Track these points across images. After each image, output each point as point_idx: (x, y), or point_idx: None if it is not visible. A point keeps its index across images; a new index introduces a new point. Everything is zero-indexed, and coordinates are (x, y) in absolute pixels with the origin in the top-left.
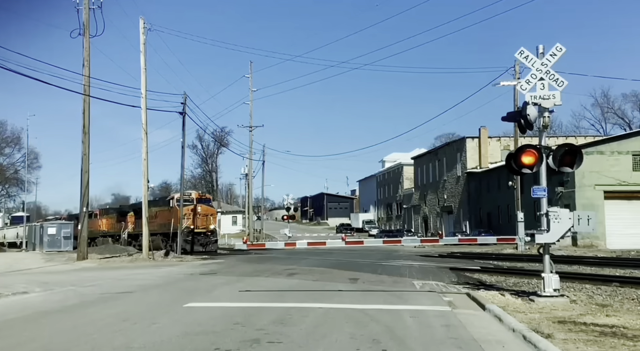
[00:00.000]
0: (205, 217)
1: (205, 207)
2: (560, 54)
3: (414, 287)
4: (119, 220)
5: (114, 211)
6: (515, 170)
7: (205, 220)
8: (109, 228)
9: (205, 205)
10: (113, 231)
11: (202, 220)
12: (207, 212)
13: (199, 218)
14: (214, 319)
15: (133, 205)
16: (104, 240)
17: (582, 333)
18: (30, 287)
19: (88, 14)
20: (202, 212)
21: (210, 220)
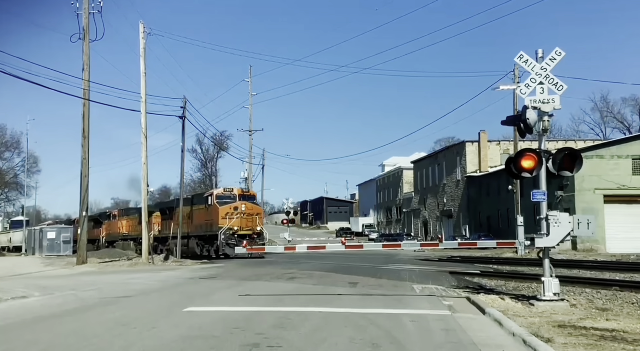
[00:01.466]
0: (250, 216)
1: (250, 204)
2: (560, 58)
3: (413, 291)
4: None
5: (135, 211)
6: (514, 174)
7: (250, 220)
8: (130, 231)
9: (250, 203)
10: (135, 233)
11: (247, 221)
12: (252, 211)
13: (244, 218)
14: (213, 323)
15: (160, 204)
16: (124, 244)
17: (582, 337)
18: (30, 291)
19: (88, 19)
20: (246, 210)
21: (257, 220)
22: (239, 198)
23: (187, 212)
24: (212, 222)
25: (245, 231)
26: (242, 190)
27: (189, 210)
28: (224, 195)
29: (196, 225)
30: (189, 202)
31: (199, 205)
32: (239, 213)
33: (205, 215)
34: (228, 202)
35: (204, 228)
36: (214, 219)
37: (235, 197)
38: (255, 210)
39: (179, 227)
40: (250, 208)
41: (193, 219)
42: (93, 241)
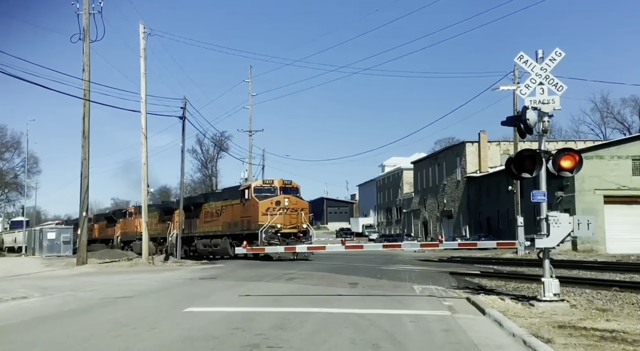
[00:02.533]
0: (294, 212)
1: (294, 198)
2: (560, 58)
3: (413, 292)
4: (162, 219)
5: (155, 209)
6: (515, 175)
7: (295, 216)
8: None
9: (294, 197)
10: (156, 232)
11: (291, 217)
12: (296, 206)
13: (287, 214)
14: (213, 324)
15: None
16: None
17: (582, 337)
18: (30, 292)
19: (88, 19)
20: (290, 205)
21: (302, 216)
22: (281, 191)
23: (215, 208)
24: (250, 219)
25: (289, 229)
26: (284, 182)
27: (219, 206)
28: (263, 187)
29: (228, 223)
30: (217, 197)
31: (232, 200)
32: (282, 208)
33: (240, 212)
34: (268, 195)
35: (239, 226)
36: (252, 216)
37: (277, 190)
38: (299, 205)
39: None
40: (295, 202)
41: (223, 216)
42: (107, 241)
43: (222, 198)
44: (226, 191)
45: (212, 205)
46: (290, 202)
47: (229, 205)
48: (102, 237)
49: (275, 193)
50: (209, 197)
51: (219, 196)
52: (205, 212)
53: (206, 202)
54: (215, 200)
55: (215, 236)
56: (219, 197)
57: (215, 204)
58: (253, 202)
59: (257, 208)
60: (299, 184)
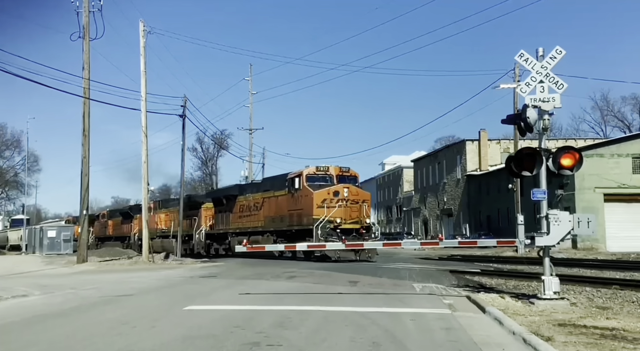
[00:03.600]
0: (355, 204)
1: (354, 188)
2: (560, 56)
3: (414, 290)
4: (186, 215)
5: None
6: (515, 173)
7: (356, 209)
8: (172, 226)
9: (355, 187)
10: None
11: (352, 210)
12: (357, 197)
13: (347, 206)
14: (214, 322)
15: (213, 193)
16: (164, 242)
17: (582, 335)
18: (30, 290)
19: (88, 17)
20: (350, 196)
21: (364, 209)
22: (337, 179)
23: (254, 200)
24: (302, 213)
25: (349, 224)
26: (341, 169)
27: (258, 199)
28: (317, 175)
29: (272, 218)
30: (256, 187)
31: (276, 191)
32: (341, 200)
33: (288, 204)
34: (323, 185)
35: (286, 221)
36: (304, 208)
37: (332, 179)
38: (361, 196)
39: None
40: (355, 193)
41: (265, 210)
42: (122, 239)
43: (263, 189)
44: (267, 181)
45: (249, 197)
46: (351, 193)
47: (271, 197)
48: (117, 235)
49: (331, 182)
50: (246, 188)
51: (257, 187)
52: (241, 206)
53: (242, 194)
54: (253, 192)
55: (255, 233)
56: (257, 188)
57: (254, 196)
58: (305, 192)
59: (311, 200)
60: (357, 172)
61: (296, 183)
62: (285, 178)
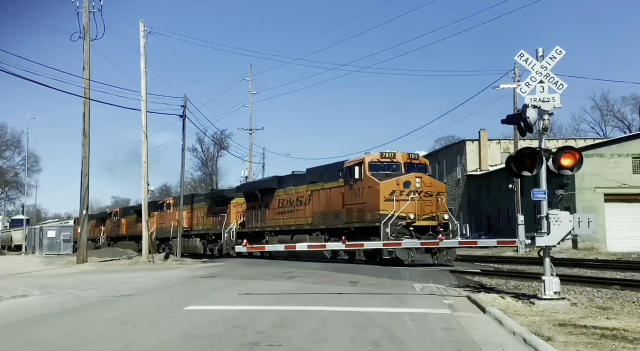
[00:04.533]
0: (429, 197)
1: (427, 178)
2: (560, 56)
3: (414, 290)
4: (212, 212)
5: (203, 199)
6: (515, 173)
7: (431, 203)
8: (195, 224)
9: (427, 176)
10: (202, 228)
11: (426, 204)
12: (431, 189)
13: (420, 199)
14: (213, 322)
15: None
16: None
17: (582, 335)
18: (30, 290)
19: (88, 17)
20: (423, 188)
21: (440, 203)
22: (406, 168)
23: (298, 194)
24: (364, 207)
25: (424, 221)
26: (410, 156)
27: (303, 192)
28: (382, 163)
29: (323, 214)
30: (299, 179)
31: (327, 183)
32: (413, 191)
33: (345, 197)
34: (390, 174)
35: (342, 217)
36: (367, 202)
37: (400, 167)
38: (435, 188)
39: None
40: (429, 184)
41: (313, 204)
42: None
43: (309, 180)
44: (314, 171)
45: (290, 190)
46: (424, 183)
47: (321, 190)
48: (132, 234)
49: (398, 171)
50: (285, 180)
51: (301, 178)
52: (280, 200)
53: (281, 187)
54: (296, 184)
55: (300, 231)
56: (301, 180)
57: (297, 189)
58: (369, 183)
59: (377, 192)
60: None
61: (356, 172)
62: (340, 167)
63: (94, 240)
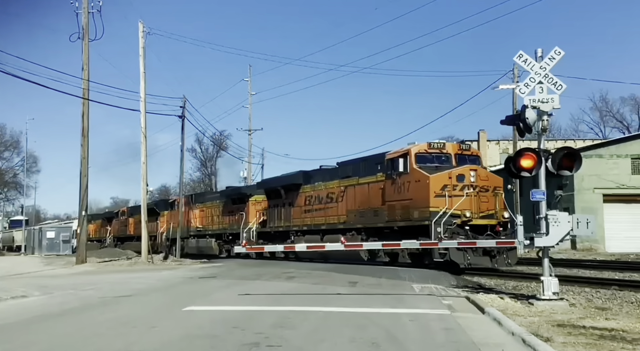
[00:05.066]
0: (486, 193)
1: (483, 171)
2: (559, 57)
3: (413, 291)
4: (229, 210)
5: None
6: (514, 174)
7: (487, 199)
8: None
9: (483, 169)
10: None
11: (482, 201)
12: (488, 183)
13: (476, 196)
14: (213, 323)
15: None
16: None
17: (581, 336)
18: (29, 291)
19: (87, 18)
20: (478, 182)
21: (498, 200)
22: (457, 160)
23: (328, 190)
24: (410, 204)
25: (482, 219)
26: (460, 147)
27: (334, 187)
28: (430, 154)
29: (359, 212)
30: (329, 174)
31: (363, 178)
32: (467, 186)
33: (387, 192)
34: (440, 167)
35: (383, 215)
36: (414, 198)
37: (450, 158)
38: (492, 182)
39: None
40: (485, 177)
41: (347, 201)
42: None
43: (341, 175)
44: (346, 165)
45: (319, 186)
46: (479, 177)
47: (356, 185)
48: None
49: (448, 163)
50: (312, 175)
51: (331, 173)
52: (307, 197)
53: (308, 183)
54: (325, 179)
55: (332, 231)
56: (332, 175)
57: (328, 185)
58: (417, 176)
59: (427, 186)
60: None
61: (400, 165)
62: (378, 160)
63: (100, 241)
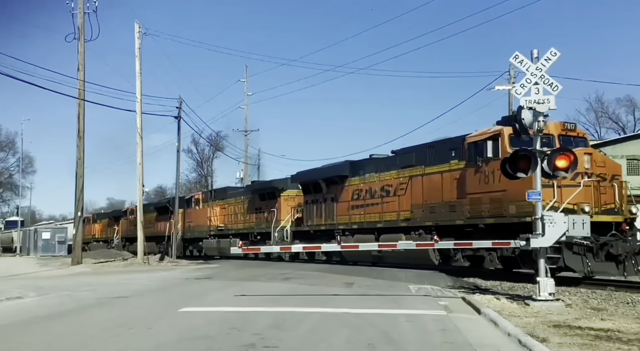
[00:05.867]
0: (602, 182)
1: (600, 155)
2: (555, 58)
3: (409, 291)
4: (255, 207)
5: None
6: (510, 174)
7: (607, 190)
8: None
9: (600, 153)
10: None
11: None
12: (605, 170)
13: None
14: (209, 324)
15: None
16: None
17: (577, 337)
18: (25, 292)
19: (83, 19)
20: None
21: (621, 189)
22: (560, 142)
23: (383, 182)
24: (504, 196)
25: (604, 215)
26: (564, 126)
27: (391, 179)
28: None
29: (429, 207)
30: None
31: (435, 166)
32: (582, 173)
33: (469, 182)
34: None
35: (466, 209)
36: (510, 188)
37: (553, 140)
38: (610, 168)
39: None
40: (601, 163)
41: (413, 194)
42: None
43: (401, 164)
44: (407, 153)
45: (370, 178)
46: (595, 162)
47: (423, 175)
48: (151, 234)
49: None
50: (361, 166)
51: (387, 163)
52: (356, 191)
53: (356, 175)
54: (379, 170)
55: (390, 229)
56: (387, 164)
57: (381, 176)
58: None
59: None
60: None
61: (489, 149)
62: (453, 145)
63: (107, 241)
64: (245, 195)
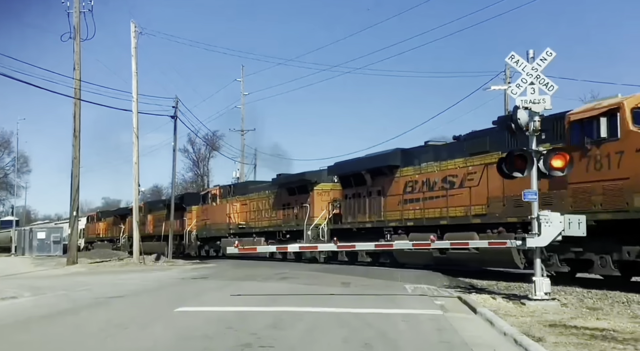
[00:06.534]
0: None
1: None
2: (551, 58)
3: (405, 291)
4: (282, 202)
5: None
6: (506, 174)
7: None
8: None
9: None
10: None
11: None
12: None
13: None
14: (206, 323)
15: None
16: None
17: (572, 336)
18: (20, 292)
19: (79, 18)
20: None
21: None
22: None
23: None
24: (625, 185)
25: None
26: None
27: (456, 168)
28: None
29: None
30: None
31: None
32: None
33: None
34: None
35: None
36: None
37: None
38: None
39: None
40: None
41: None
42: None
43: (470, 150)
44: (479, 136)
45: (428, 167)
46: None
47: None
48: (160, 233)
49: None
50: (415, 154)
51: (451, 149)
52: (409, 183)
53: (409, 164)
54: (440, 157)
55: (458, 227)
56: (452, 151)
57: (442, 165)
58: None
59: None
60: None
61: (602, 127)
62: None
63: (112, 241)
64: (271, 190)
